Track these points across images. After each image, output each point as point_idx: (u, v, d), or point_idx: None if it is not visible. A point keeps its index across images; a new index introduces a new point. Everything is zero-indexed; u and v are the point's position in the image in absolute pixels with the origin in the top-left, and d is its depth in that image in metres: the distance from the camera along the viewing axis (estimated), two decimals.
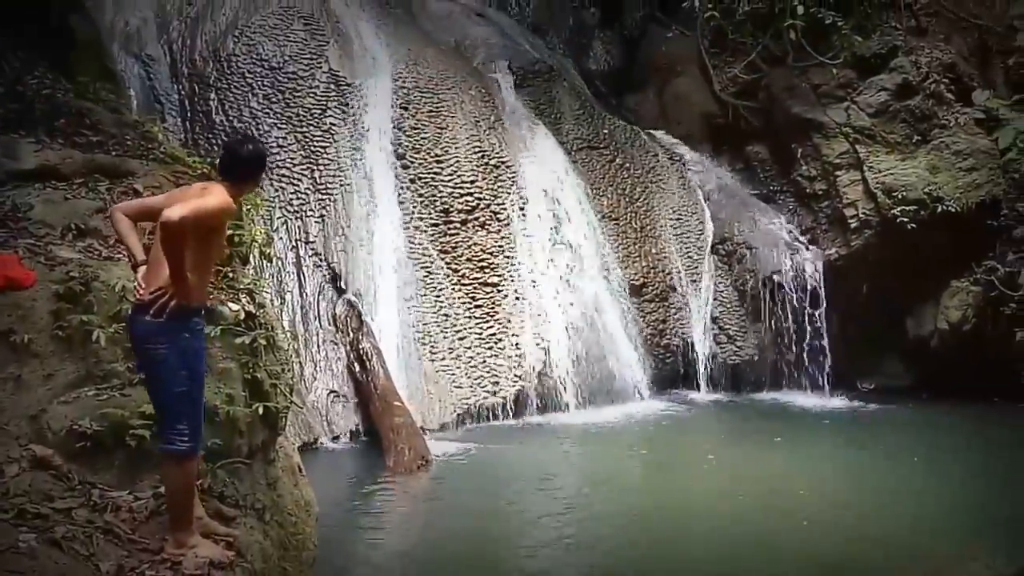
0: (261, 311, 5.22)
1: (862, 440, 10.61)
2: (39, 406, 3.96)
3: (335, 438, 9.69)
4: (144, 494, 3.89)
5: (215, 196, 3.67)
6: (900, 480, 8.76)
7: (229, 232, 5.36)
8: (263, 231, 6.35)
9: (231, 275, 5.15)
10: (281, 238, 10.60)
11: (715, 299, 13.74)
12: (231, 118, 11.18)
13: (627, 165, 13.98)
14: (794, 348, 13.26)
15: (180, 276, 3.54)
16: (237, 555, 3.75)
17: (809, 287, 13.32)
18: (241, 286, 5.19)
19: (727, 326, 13.67)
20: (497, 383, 11.04)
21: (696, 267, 13.81)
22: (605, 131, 14.31)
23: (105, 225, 4.96)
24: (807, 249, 13.72)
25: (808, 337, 13.18)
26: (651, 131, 15.30)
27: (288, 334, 9.33)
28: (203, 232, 3.61)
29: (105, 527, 3.57)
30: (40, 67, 6.55)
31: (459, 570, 6.30)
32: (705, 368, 13.29)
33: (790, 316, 13.29)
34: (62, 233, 4.93)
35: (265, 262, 8.29)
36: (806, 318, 13.23)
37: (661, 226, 13.74)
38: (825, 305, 13.20)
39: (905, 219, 12.79)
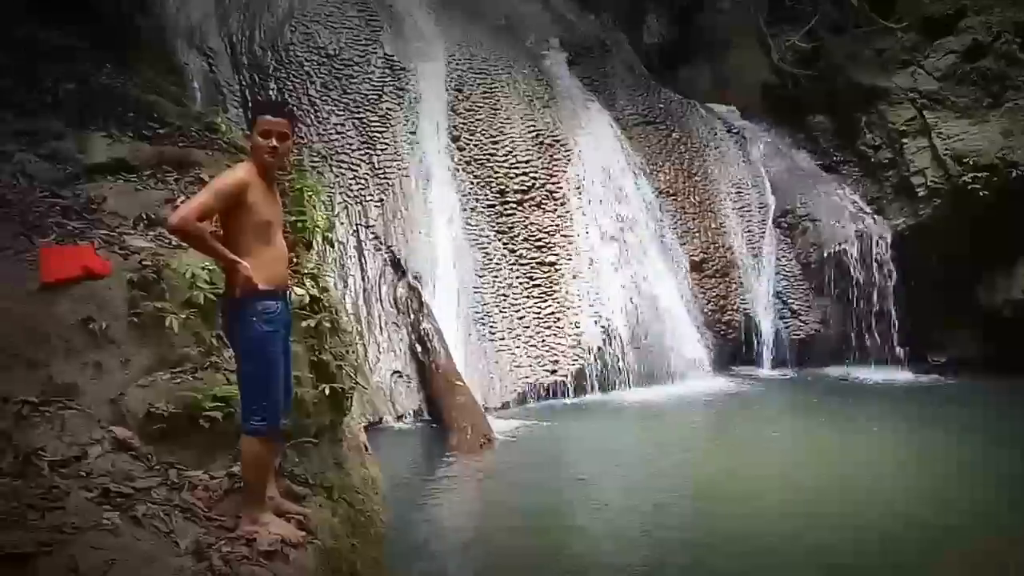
0: (325, 295, 5.33)
1: (935, 416, 10.31)
2: (118, 390, 4.12)
3: (399, 417, 9.86)
4: (218, 473, 4.02)
5: (225, 174, 3.74)
6: (978, 459, 8.50)
7: (292, 218, 5.49)
8: (325, 216, 6.47)
9: (295, 260, 5.27)
10: (342, 223, 10.78)
11: (778, 273, 13.54)
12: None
13: (684, 139, 13.80)
14: (860, 322, 13.00)
15: (228, 265, 3.64)
16: (308, 533, 3.86)
17: (875, 258, 13.01)
18: (305, 271, 5.30)
19: (790, 300, 13.45)
20: (557, 362, 11.08)
21: (757, 241, 13.61)
22: (661, 105, 14.14)
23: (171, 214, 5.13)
24: (873, 220, 13.39)
25: (875, 310, 12.90)
26: (708, 104, 15.07)
27: (351, 317, 9.53)
28: (224, 213, 3.65)
29: (183, 505, 3.70)
30: (108, 64, 6.76)
31: (525, 546, 6.37)
32: (768, 344, 13.11)
33: (856, 289, 13.01)
34: (134, 223, 5.10)
35: (327, 247, 8.47)
36: (873, 290, 12.94)
37: (720, 200, 13.55)
38: (892, 277, 12.89)
39: (977, 186, 12.36)
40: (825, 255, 13.25)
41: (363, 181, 11.16)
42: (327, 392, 4.81)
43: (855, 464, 8.36)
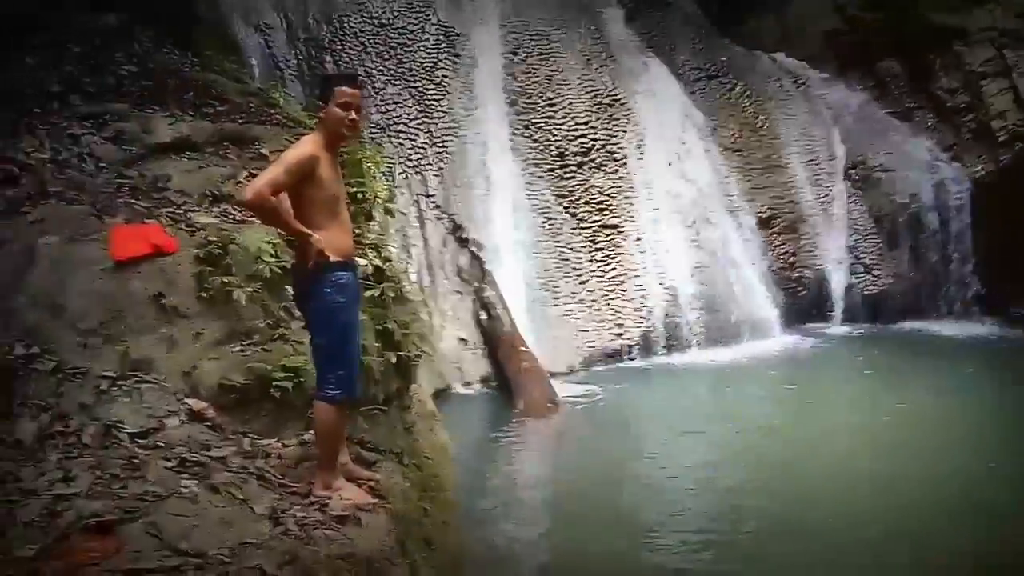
0: (388, 265, 5.36)
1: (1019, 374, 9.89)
2: (191, 363, 4.23)
3: (466, 384, 9.93)
4: (291, 442, 4.12)
5: (295, 148, 3.73)
6: None
7: (352, 190, 5.52)
8: (385, 187, 6.49)
9: (357, 231, 5.30)
10: (403, 193, 10.81)
11: (849, 227, 13.13)
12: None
13: (748, 93, 13.42)
14: (937, 275, 12.54)
15: (299, 238, 3.69)
16: (379, 497, 3.92)
17: (953, 208, 12.50)
18: (367, 241, 5.34)
19: (863, 255, 13.05)
20: (622, 325, 10.99)
21: (827, 195, 13.21)
22: (723, 58, 13.75)
23: (237, 190, 5.21)
24: (950, 167, 12.85)
25: (952, 262, 12.43)
26: (772, 55, 14.59)
27: (415, 286, 9.59)
28: (294, 187, 3.66)
29: (257, 473, 3.80)
30: (167, 44, 6.87)
31: (593, 507, 6.38)
32: (840, 300, 12.77)
33: (932, 241, 12.54)
34: (199, 200, 5.20)
35: (389, 217, 8.49)
36: (950, 242, 12.46)
37: (788, 154, 13.18)
38: (971, 227, 12.38)
39: None
40: (899, 207, 12.79)
41: (422, 150, 11.16)
42: (393, 360, 4.85)
43: (936, 430, 8.05)
